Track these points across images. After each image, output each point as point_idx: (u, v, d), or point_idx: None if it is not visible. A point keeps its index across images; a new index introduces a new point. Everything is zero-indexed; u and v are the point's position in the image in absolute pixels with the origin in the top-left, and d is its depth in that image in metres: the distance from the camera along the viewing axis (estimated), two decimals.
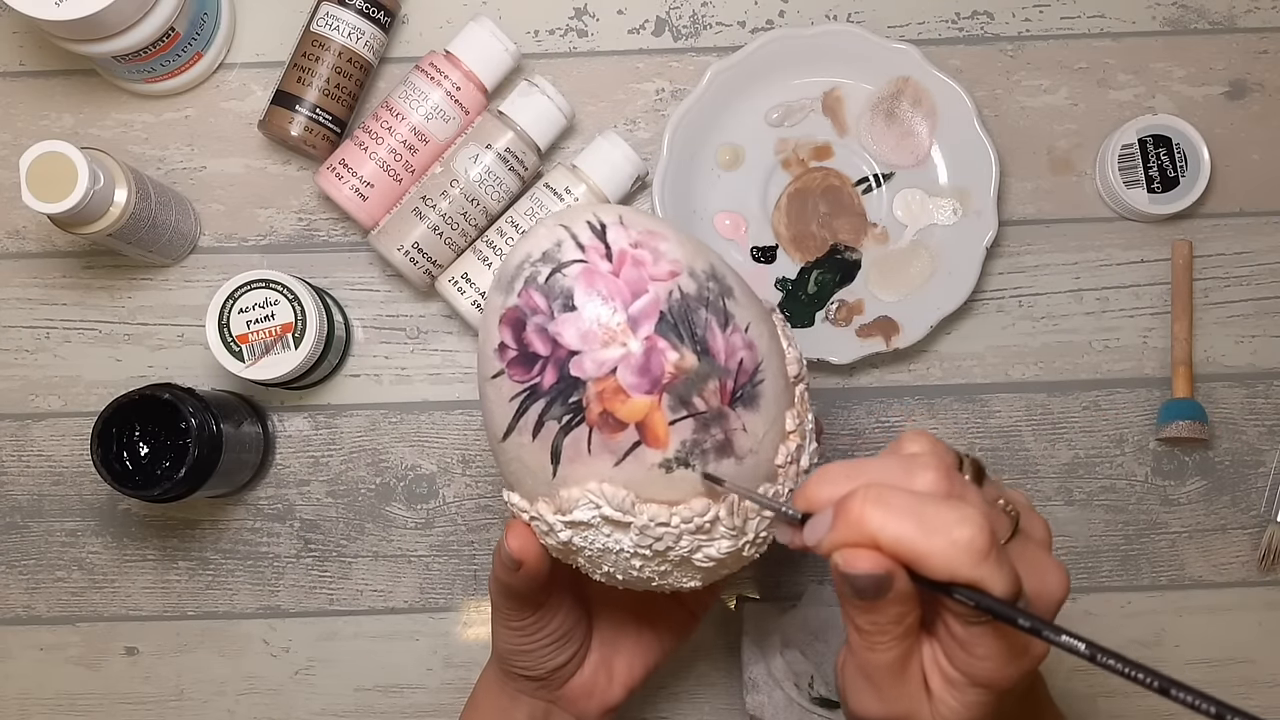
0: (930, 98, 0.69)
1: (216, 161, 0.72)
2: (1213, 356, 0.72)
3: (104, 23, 0.62)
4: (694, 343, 0.45)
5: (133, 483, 0.62)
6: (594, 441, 0.45)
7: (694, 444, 0.46)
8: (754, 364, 0.46)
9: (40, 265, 0.72)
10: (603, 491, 0.46)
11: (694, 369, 0.45)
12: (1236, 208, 0.72)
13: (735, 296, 0.47)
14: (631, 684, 0.58)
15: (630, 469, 0.46)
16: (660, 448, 0.45)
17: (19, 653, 0.71)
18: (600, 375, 0.45)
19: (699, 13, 0.72)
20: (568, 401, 0.45)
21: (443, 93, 0.68)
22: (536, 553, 0.50)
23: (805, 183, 0.70)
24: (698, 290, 0.46)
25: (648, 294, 0.45)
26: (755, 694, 0.67)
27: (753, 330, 0.47)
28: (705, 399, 0.45)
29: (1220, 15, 0.72)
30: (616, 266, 0.45)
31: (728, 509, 0.47)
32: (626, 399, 0.45)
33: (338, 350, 0.69)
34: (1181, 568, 0.71)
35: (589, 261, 0.45)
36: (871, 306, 0.70)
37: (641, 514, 0.46)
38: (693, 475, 0.46)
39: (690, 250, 0.47)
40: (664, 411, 0.45)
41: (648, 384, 0.45)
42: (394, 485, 0.71)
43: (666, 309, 0.45)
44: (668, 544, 0.47)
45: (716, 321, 0.46)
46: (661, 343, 0.45)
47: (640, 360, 0.45)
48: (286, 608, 0.71)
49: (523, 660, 0.56)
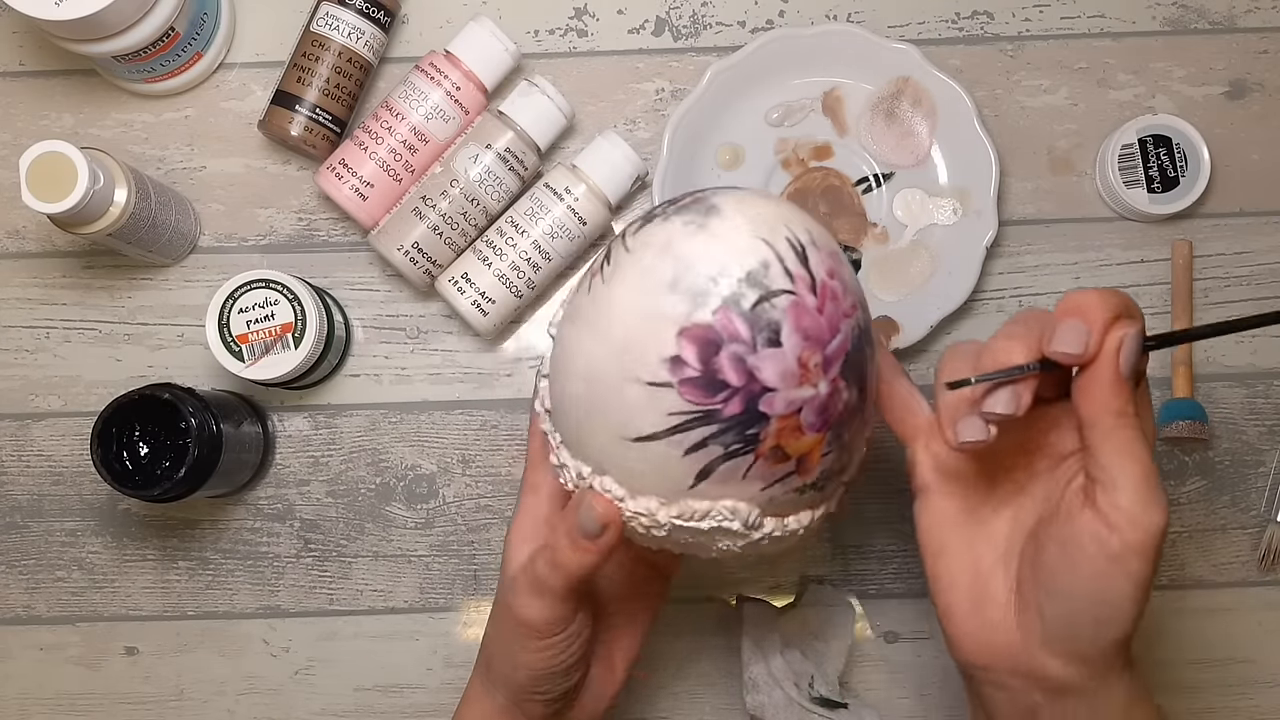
0: (930, 98, 0.69)
1: (216, 161, 0.72)
2: (1213, 356, 0.72)
3: (104, 23, 0.62)
4: (859, 380, 0.46)
5: (133, 483, 0.62)
6: (754, 469, 0.45)
7: (829, 472, 0.47)
8: (873, 399, 0.48)
9: (40, 265, 0.72)
10: (736, 509, 0.46)
11: (854, 406, 0.46)
12: (1236, 208, 0.72)
13: None
14: (630, 663, 0.58)
15: (773, 492, 0.46)
16: (808, 477, 0.46)
17: (19, 653, 0.71)
18: (787, 413, 0.44)
19: (699, 13, 0.72)
20: (744, 433, 0.44)
21: (443, 93, 0.68)
22: (618, 515, 0.47)
23: (805, 183, 0.70)
24: (869, 325, 0.47)
25: (840, 334, 0.44)
26: (755, 694, 0.67)
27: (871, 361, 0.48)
28: (851, 434, 0.47)
29: (1220, 15, 0.72)
30: (821, 302, 0.44)
31: (816, 515, 0.49)
32: (801, 436, 0.44)
33: (338, 350, 0.69)
34: (1181, 567, 0.71)
35: (798, 294, 0.43)
36: (871, 306, 0.69)
37: (762, 528, 0.47)
38: (812, 495, 0.48)
39: (850, 272, 0.47)
40: (824, 446, 0.46)
41: (822, 423, 0.45)
42: (394, 485, 0.71)
43: (851, 349, 0.45)
44: (764, 547, 0.49)
45: (870, 355, 0.47)
46: (842, 383, 0.45)
47: (824, 401, 0.44)
48: (286, 608, 0.71)
49: (545, 686, 0.53)
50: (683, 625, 0.71)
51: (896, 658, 0.71)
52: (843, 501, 0.52)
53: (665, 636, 0.71)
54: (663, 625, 0.71)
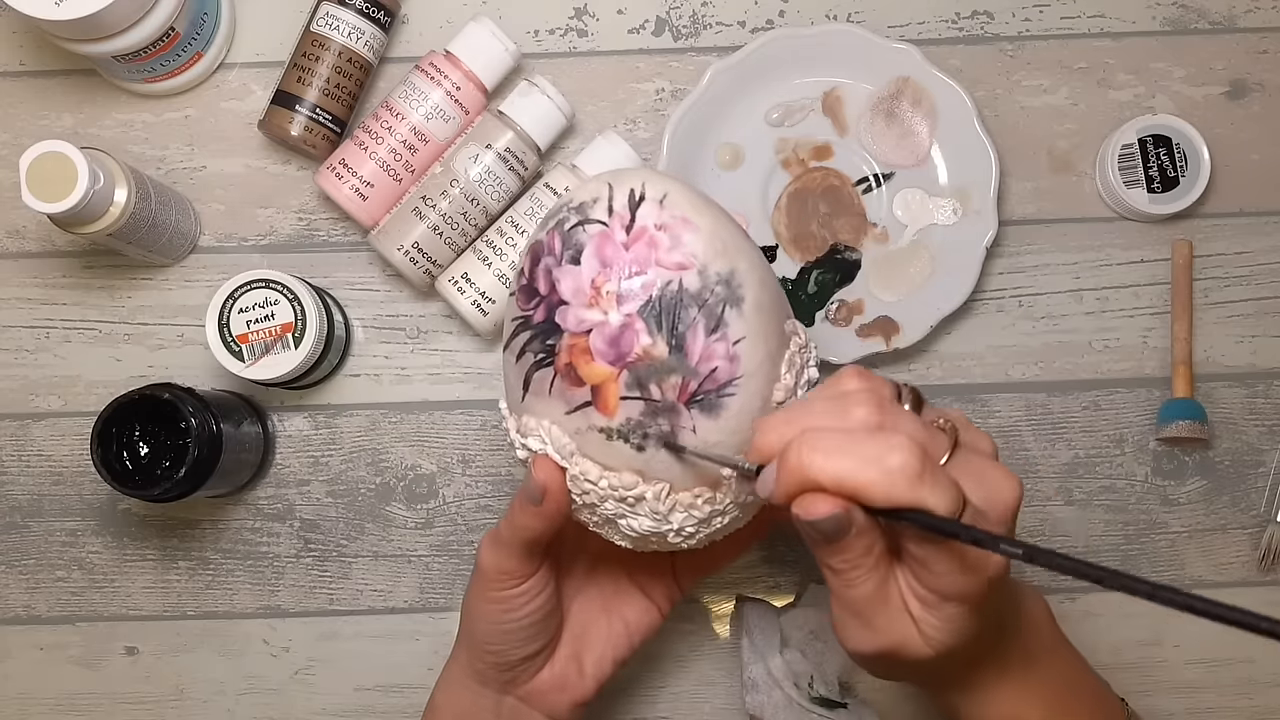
0: (930, 98, 0.69)
1: (216, 161, 0.72)
2: (1213, 356, 0.72)
3: (104, 23, 0.62)
4: (671, 335, 0.47)
5: (133, 483, 0.62)
6: (555, 386, 0.49)
7: (638, 425, 0.48)
8: (729, 376, 0.48)
9: (40, 265, 0.72)
10: (551, 431, 0.50)
11: (661, 359, 0.47)
12: (1236, 208, 0.72)
13: (743, 308, 0.48)
14: (601, 677, 0.59)
15: (577, 422, 0.49)
16: (607, 415, 0.48)
17: (19, 653, 0.71)
18: (577, 331, 0.48)
19: (699, 13, 0.72)
20: (545, 342, 0.49)
21: (443, 93, 0.68)
22: (560, 484, 0.50)
23: (805, 183, 0.70)
24: (699, 289, 0.47)
25: (645, 275, 0.47)
26: (755, 694, 0.67)
27: (744, 345, 0.48)
28: (663, 389, 0.47)
29: (1220, 15, 0.72)
30: (631, 240, 0.47)
31: (655, 494, 0.49)
32: (591, 361, 0.47)
33: (338, 350, 0.69)
34: (1181, 568, 0.71)
35: (609, 226, 0.48)
36: (871, 306, 0.70)
37: (575, 465, 0.50)
38: (630, 450, 0.48)
39: (716, 249, 0.48)
40: (619, 385, 0.47)
41: (613, 355, 0.47)
42: (394, 485, 0.71)
43: (657, 296, 0.47)
44: (593, 501, 0.50)
45: (704, 324, 0.47)
46: (639, 324, 0.47)
47: (614, 332, 0.47)
48: (286, 608, 0.71)
49: (500, 643, 0.56)
50: (683, 625, 0.71)
51: None
52: (759, 523, 0.55)
53: (665, 636, 0.71)
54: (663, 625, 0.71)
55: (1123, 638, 0.71)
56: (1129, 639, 0.71)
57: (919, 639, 0.44)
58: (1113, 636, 0.71)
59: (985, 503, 0.43)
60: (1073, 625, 0.71)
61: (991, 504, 0.43)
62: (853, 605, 0.44)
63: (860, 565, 0.42)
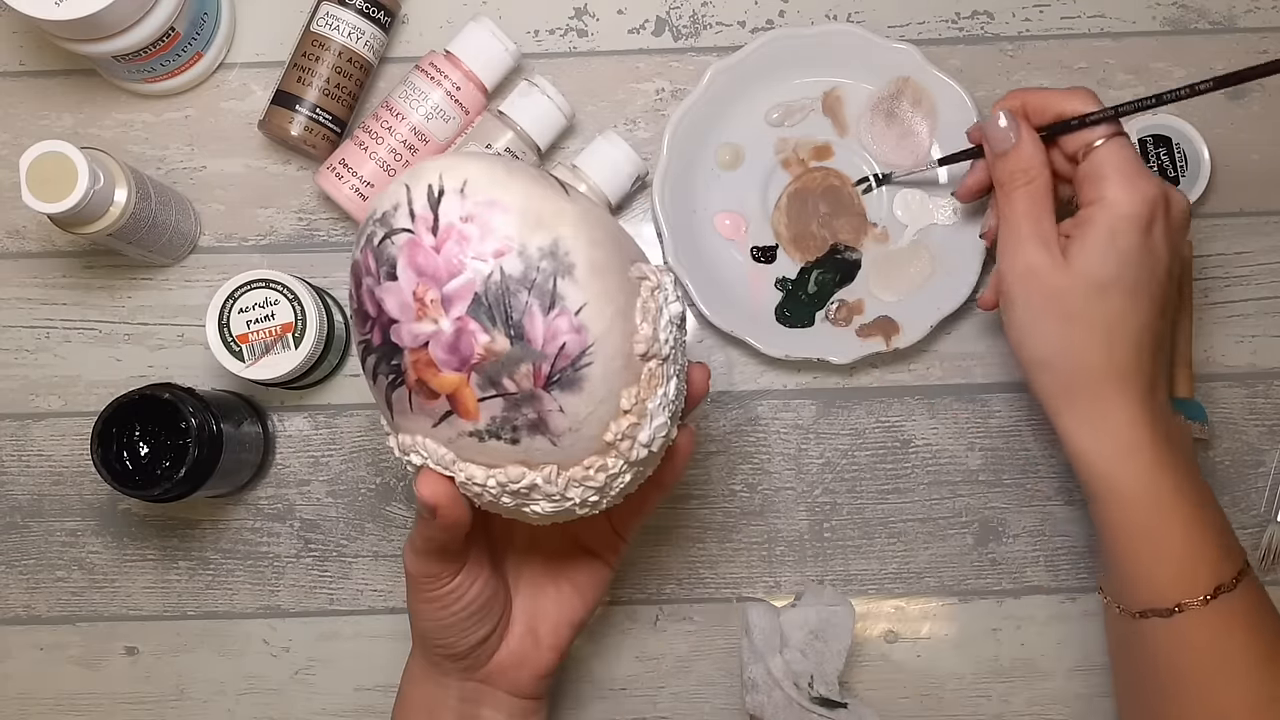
0: (930, 98, 0.69)
1: (216, 161, 0.72)
2: (1213, 356, 0.72)
3: (104, 23, 0.62)
4: (508, 326, 0.45)
5: (133, 483, 0.62)
6: (414, 403, 0.48)
7: (504, 420, 0.47)
8: (580, 348, 0.46)
9: (40, 265, 0.72)
10: (426, 445, 0.49)
11: (505, 352, 0.46)
12: (1236, 208, 0.72)
13: (575, 275, 0.46)
14: (560, 645, 0.59)
15: (446, 432, 0.48)
16: (471, 419, 0.47)
17: (19, 653, 0.71)
18: (415, 346, 0.46)
19: (699, 13, 0.72)
20: (391, 363, 0.47)
21: (443, 92, 0.68)
22: (451, 495, 0.50)
23: (805, 183, 0.70)
24: (523, 271, 0.45)
25: (464, 274, 0.45)
26: (755, 694, 0.67)
27: (587, 312, 0.46)
28: (516, 381, 0.46)
29: (1220, 15, 0.72)
30: (440, 242, 0.45)
31: (545, 478, 0.48)
32: (438, 372, 0.46)
33: (338, 350, 0.69)
34: None
35: (415, 233, 0.46)
36: (871, 306, 0.70)
37: (460, 472, 0.49)
38: (506, 446, 0.47)
39: (531, 224, 0.46)
40: (473, 389, 0.46)
41: (456, 362, 0.46)
42: (394, 485, 0.71)
43: (483, 290, 0.45)
44: (489, 499, 0.50)
45: (539, 305, 0.45)
46: (472, 324, 0.45)
47: (450, 339, 0.46)
48: (286, 608, 0.71)
49: (444, 637, 0.56)
50: (683, 625, 0.71)
51: (896, 657, 0.71)
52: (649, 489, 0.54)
53: (665, 636, 0.71)
54: (662, 625, 0.71)
55: None
56: None
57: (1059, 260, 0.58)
58: None
59: None
60: (1073, 625, 0.71)
61: None
62: (1009, 217, 0.59)
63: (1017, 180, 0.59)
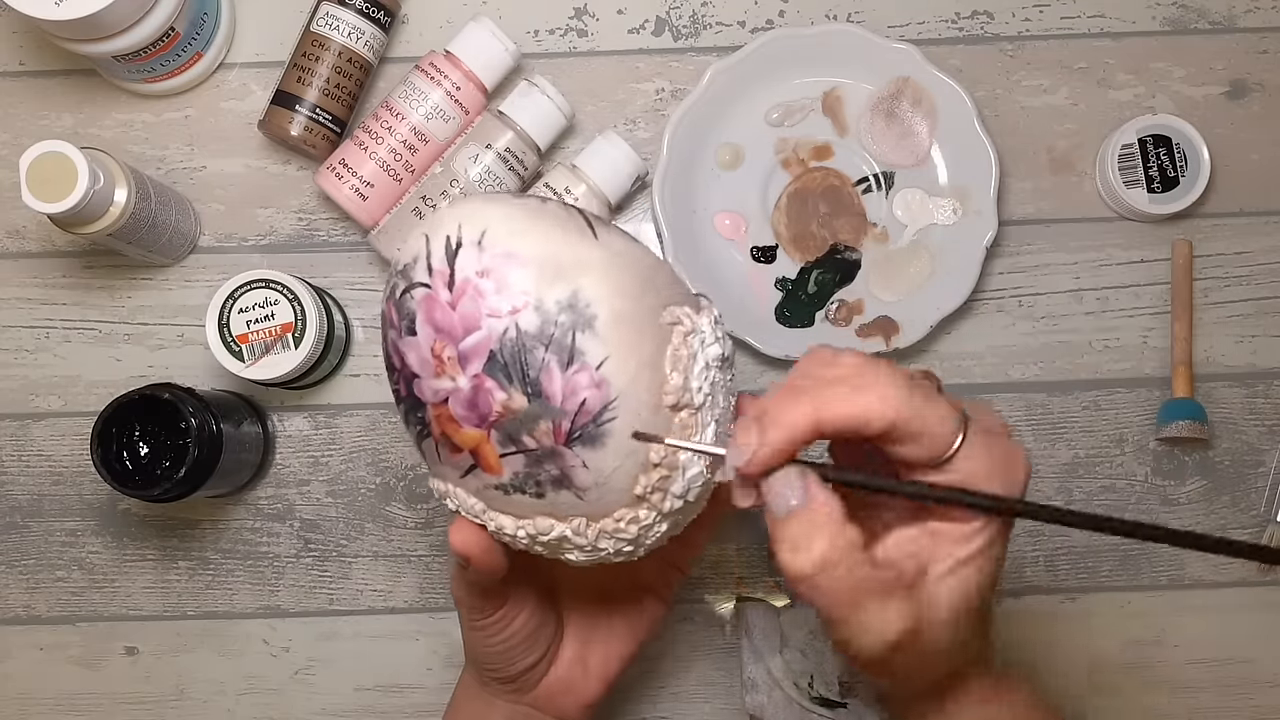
0: (930, 98, 0.69)
1: (216, 161, 0.72)
2: (1213, 356, 0.72)
3: (104, 23, 0.62)
4: (525, 384, 0.44)
5: (133, 483, 0.62)
6: (441, 454, 0.47)
7: (527, 475, 0.46)
8: (601, 403, 0.44)
9: (40, 265, 0.72)
10: (458, 494, 0.48)
11: (523, 410, 0.44)
12: (1236, 208, 0.72)
13: (596, 328, 0.44)
14: (608, 677, 0.58)
15: (474, 483, 0.47)
16: (494, 474, 0.46)
17: (19, 653, 0.71)
18: (436, 402, 0.46)
19: (699, 13, 0.72)
20: (417, 415, 0.47)
21: (443, 92, 0.68)
22: (483, 545, 0.49)
23: (805, 183, 0.70)
24: (540, 327, 0.44)
25: (480, 331, 0.44)
26: (755, 694, 0.67)
27: (609, 365, 0.44)
28: (536, 438, 0.45)
29: (1220, 15, 0.72)
30: (455, 298, 0.45)
31: (574, 530, 0.47)
32: (459, 428, 0.46)
33: (338, 350, 0.69)
34: (1181, 568, 0.71)
35: (433, 288, 0.45)
36: (871, 306, 0.70)
37: (490, 521, 0.48)
38: (531, 500, 0.46)
39: (549, 277, 0.44)
40: (494, 445, 0.45)
41: (475, 419, 0.45)
42: (394, 485, 0.71)
43: (499, 348, 0.44)
44: (522, 547, 0.49)
45: (557, 361, 0.44)
46: (489, 382, 0.44)
47: (468, 396, 0.45)
48: (286, 608, 0.71)
49: (493, 662, 0.56)
50: (683, 625, 0.71)
51: None
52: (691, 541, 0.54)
53: (665, 637, 0.71)
54: (663, 625, 0.71)
55: (1123, 638, 0.71)
56: (1129, 639, 0.71)
57: None
58: (1113, 636, 0.71)
59: (992, 474, 0.42)
60: (1073, 625, 0.71)
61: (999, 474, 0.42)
62: None
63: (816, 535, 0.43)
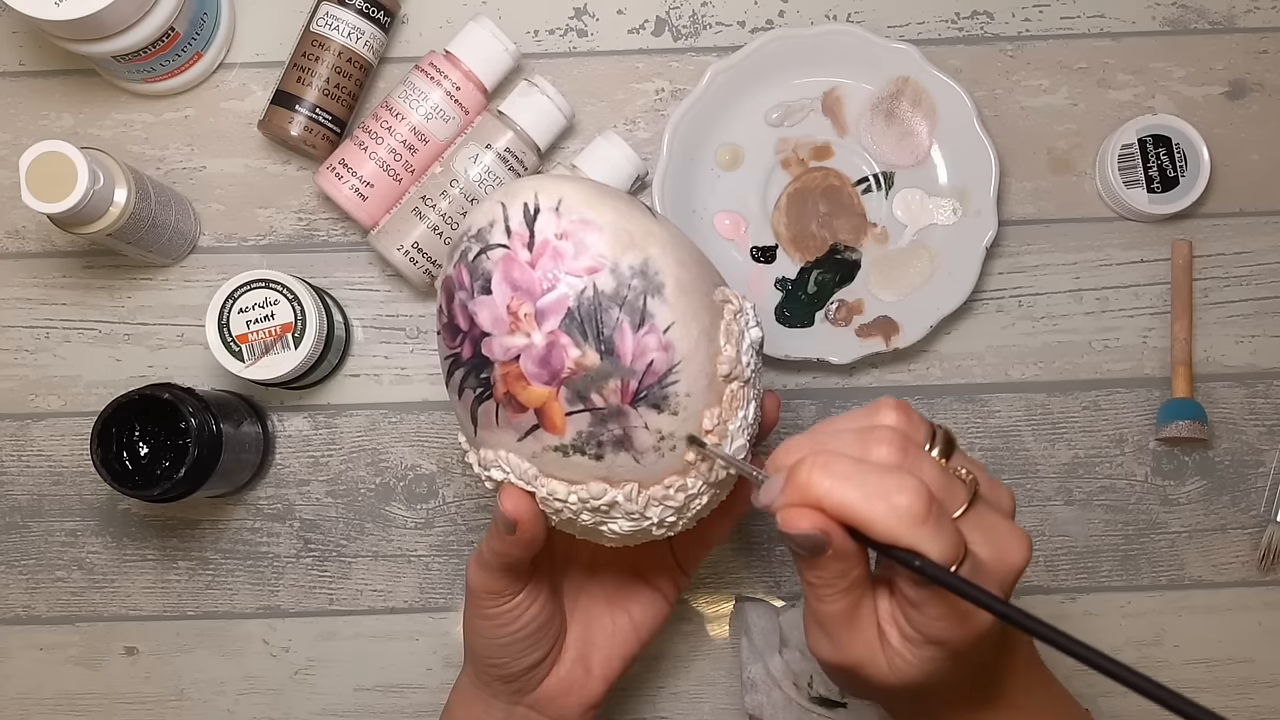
0: (930, 98, 0.69)
1: (216, 161, 0.72)
2: (1213, 356, 0.72)
3: (104, 23, 0.62)
4: (599, 341, 0.46)
5: (133, 483, 0.62)
6: (500, 416, 0.48)
7: (590, 435, 0.47)
8: (667, 365, 0.47)
9: (40, 265, 0.72)
10: (510, 460, 0.49)
11: (595, 367, 0.46)
12: (1236, 208, 0.72)
13: (665, 294, 0.47)
14: (610, 677, 0.58)
15: (531, 446, 0.48)
16: (557, 434, 0.47)
17: (19, 653, 0.71)
18: (506, 359, 0.47)
19: (699, 13, 0.72)
20: (480, 376, 0.48)
21: (443, 93, 0.68)
22: (533, 511, 0.50)
23: (805, 183, 0.70)
24: (615, 289, 0.46)
25: (559, 289, 0.46)
26: (754, 694, 0.67)
27: (675, 330, 0.47)
28: (604, 396, 0.47)
29: (1220, 15, 0.72)
30: (535, 257, 0.47)
31: (626, 495, 0.49)
32: (527, 385, 0.47)
33: (338, 350, 0.69)
34: (1181, 568, 0.71)
35: (511, 249, 0.47)
36: (871, 306, 0.70)
37: (542, 487, 0.49)
38: (589, 461, 0.48)
39: (624, 243, 0.47)
40: (561, 403, 0.47)
41: (547, 375, 0.47)
42: (394, 485, 0.71)
43: (575, 306, 0.46)
44: (568, 515, 0.50)
45: (629, 322, 0.46)
46: (564, 339, 0.46)
47: (542, 352, 0.46)
48: (286, 608, 0.71)
49: (499, 656, 0.56)
50: (683, 625, 0.71)
51: None
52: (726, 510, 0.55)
53: (665, 636, 0.71)
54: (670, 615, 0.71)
55: (1123, 638, 0.71)
56: (1129, 639, 0.71)
57: (884, 664, 0.43)
58: (1113, 637, 0.71)
59: (991, 559, 0.42)
60: (1073, 625, 0.71)
61: (997, 561, 0.42)
62: (820, 618, 0.44)
63: (833, 585, 0.42)
